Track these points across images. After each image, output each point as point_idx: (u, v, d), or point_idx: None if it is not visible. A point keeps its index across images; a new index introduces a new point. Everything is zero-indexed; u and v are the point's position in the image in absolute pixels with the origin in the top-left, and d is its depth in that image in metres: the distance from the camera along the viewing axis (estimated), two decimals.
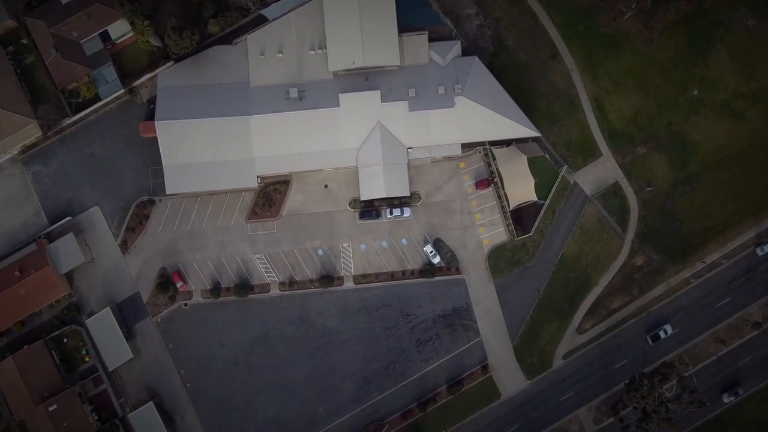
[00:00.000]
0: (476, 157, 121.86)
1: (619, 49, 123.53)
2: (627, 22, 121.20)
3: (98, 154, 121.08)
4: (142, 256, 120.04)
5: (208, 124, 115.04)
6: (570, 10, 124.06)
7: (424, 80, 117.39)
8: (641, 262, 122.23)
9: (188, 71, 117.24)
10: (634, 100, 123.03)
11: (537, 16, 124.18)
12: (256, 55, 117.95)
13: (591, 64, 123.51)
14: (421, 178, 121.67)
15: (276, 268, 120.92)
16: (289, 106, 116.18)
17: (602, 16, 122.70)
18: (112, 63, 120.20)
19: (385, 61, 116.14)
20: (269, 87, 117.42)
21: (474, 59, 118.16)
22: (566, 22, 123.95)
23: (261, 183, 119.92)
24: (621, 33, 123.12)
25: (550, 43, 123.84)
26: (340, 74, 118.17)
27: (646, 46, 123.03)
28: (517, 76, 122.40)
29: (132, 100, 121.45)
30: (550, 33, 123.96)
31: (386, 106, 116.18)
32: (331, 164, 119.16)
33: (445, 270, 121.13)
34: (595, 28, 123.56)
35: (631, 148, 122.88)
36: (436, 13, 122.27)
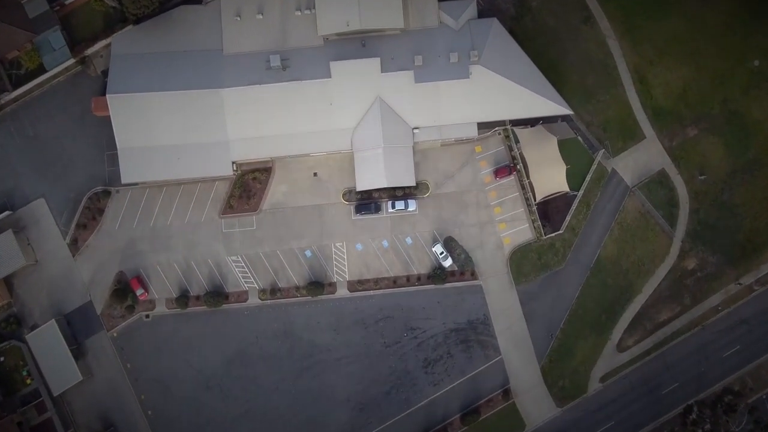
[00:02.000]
0: (495, 140, 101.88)
1: (663, 10, 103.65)
2: None
3: (44, 136, 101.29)
4: (95, 258, 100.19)
5: (173, 98, 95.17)
6: None
7: (433, 46, 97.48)
8: (694, 266, 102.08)
9: (148, 35, 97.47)
10: (682, 72, 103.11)
11: None
12: (230, 17, 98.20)
13: (631, 30, 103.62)
14: (429, 164, 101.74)
15: (255, 273, 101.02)
16: (270, 78, 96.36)
17: None
18: (60, 27, 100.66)
19: (386, 23, 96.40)
20: (246, 55, 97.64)
21: (493, 21, 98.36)
22: None
23: (237, 171, 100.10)
24: None
25: (581, 4, 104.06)
26: (331, 39, 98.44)
27: (697, 8, 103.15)
28: (543, 44, 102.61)
29: (84, 71, 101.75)
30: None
31: (387, 76, 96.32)
32: (321, 148, 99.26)
33: (459, 275, 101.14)
34: None
35: (680, 130, 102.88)
36: None
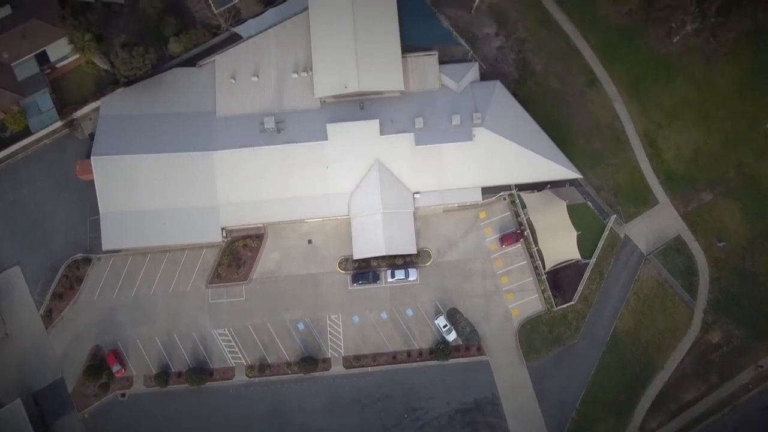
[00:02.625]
0: (501, 205, 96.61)
1: (670, 75, 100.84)
2: (679, 43, 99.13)
3: (24, 201, 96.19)
4: (70, 330, 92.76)
5: (161, 161, 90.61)
6: (608, 31, 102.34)
7: (434, 108, 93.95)
8: (718, 339, 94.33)
9: (139, 97, 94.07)
10: (693, 136, 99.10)
11: (569, 36, 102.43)
12: (225, 79, 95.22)
13: (638, 93, 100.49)
14: (431, 231, 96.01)
15: (243, 348, 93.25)
16: (264, 140, 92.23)
17: (648, 36, 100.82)
18: (49, 89, 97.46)
19: (386, 85, 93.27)
20: (240, 117, 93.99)
21: (496, 84, 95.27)
22: (605, 44, 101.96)
23: (227, 237, 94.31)
24: (672, 56, 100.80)
25: (586, 68, 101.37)
26: (328, 102, 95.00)
27: (704, 72, 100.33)
28: (548, 107, 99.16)
29: (72, 134, 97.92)
30: (585, 56, 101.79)
31: (387, 139, 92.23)
32: (317, 213, 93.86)
33: (464, 350, 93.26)
34: (641, 50, 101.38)
35: (694, 194, 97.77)
36: (448, 30, 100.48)
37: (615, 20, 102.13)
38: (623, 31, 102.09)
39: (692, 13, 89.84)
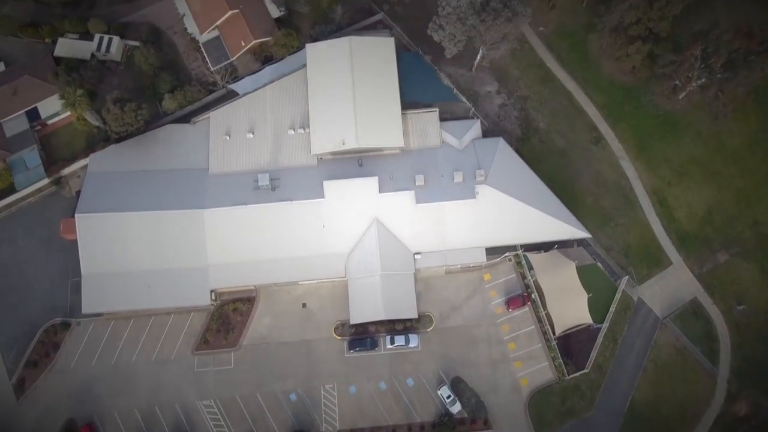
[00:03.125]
0: (506, 266, 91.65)
1: (677, 132, 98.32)
2: (684, 100, 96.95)
3: (3, 261, 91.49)
4: (42, 401, 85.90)
5: (148, 219, 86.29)
6: (612, 89, 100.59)
7: (435, 166, 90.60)
8: (745, 411, 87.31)
9: (129, 154, 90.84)
10: (704, 194, 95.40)
11: (572, 94, 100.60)
12: (219, 136, 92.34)
13: (645, 151, 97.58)
14: (432, 294, 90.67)
15: (229, 420, 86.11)
16: (257, 198, 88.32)
17: (653, 93, 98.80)
18: (38, 146, 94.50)
19: (385, 142, 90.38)
20: (233, 174, 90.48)
21: (499, 141, 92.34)
22: (609, 102, 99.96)
23: (216, 300, 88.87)
24: (678, 113, 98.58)
25: (591, 125, 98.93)
26: (325, 159, 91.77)
27: (711, 130, 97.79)
28: (553, 165, 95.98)
29: (58, 192, 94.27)
30: (589, 114, 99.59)
31: (386, 197, 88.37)
32: (312, 275, 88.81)
33: (469, 423, 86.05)
34: (645, 108, 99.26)
35: (709, 255, 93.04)
36: (449, 87, 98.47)
37: (618, 78, 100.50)
38: (627, 89, 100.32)
39: (698, 69, 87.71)
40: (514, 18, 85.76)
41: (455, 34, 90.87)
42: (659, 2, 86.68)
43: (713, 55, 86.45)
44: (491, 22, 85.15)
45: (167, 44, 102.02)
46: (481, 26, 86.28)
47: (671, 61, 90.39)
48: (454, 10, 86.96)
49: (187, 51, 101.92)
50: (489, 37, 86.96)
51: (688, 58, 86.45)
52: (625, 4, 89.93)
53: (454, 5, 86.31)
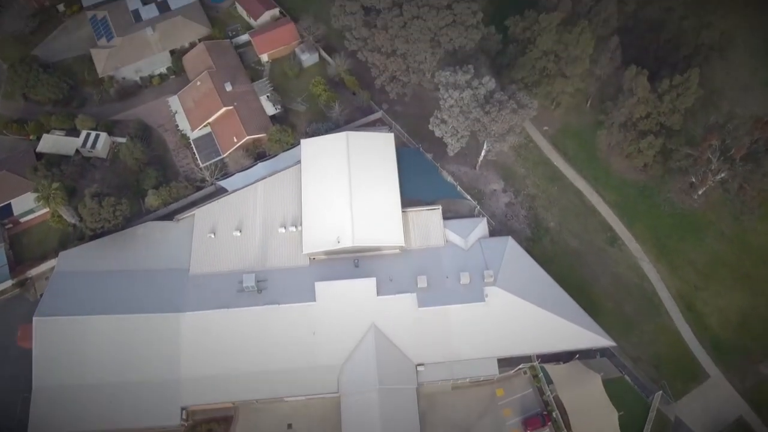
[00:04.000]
0: (521, 380, 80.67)
1: (698, 232, 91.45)
2: (702, 197, 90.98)
3: None
4: None
5: (115, 323, 76.56)
6: (624, 187, 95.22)
7: (439, 266, 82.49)
8: None
9: (104, 252, 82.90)
10: (736, 299, 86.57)
11: (582, 193, 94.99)
12: (203, 234, 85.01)
13: (665, 252, 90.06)
14: (437, 412, 78.89)
15: None
16: (241, 301, 79.27)
17: (668, 191, 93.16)
18: (6, 245, 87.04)
19: (384, 241, 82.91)
20: (217, 275, 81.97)
21: (508, 240, 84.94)
22: (622, 201, 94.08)
23: (187, 420, 76.82)
24: (697, 212, 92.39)
25: (605, 225, 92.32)
26: (319, 259, 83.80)
27: (734, 230, 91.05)
28: (567, 267, 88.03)
29: (22, 295, 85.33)
30: (602, 213, 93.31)
31: (384, 300, 79.37)
32: (300, 390, 77.59)
33: None
34: (661, 207, 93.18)
35: (750, 367, 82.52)
36: (452, 184, 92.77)
37: (630, 176, 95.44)
38: (640, 187, 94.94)
39: (717, 161, 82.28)
40: (520, 110, 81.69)
41: (458, 128, 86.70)
42: (670, 95, 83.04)
43: (732, 147, 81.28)
44: (496, 113, 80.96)
45: (157, 141, 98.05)
46: (485, 118, 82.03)
47: (687, 155, 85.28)
48: (456, 102, 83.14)
49: (176, 148, 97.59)
50: (494, 128, 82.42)
51: (706, 150, 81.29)
52: (633, 98, 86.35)
53: (457, 97, 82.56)
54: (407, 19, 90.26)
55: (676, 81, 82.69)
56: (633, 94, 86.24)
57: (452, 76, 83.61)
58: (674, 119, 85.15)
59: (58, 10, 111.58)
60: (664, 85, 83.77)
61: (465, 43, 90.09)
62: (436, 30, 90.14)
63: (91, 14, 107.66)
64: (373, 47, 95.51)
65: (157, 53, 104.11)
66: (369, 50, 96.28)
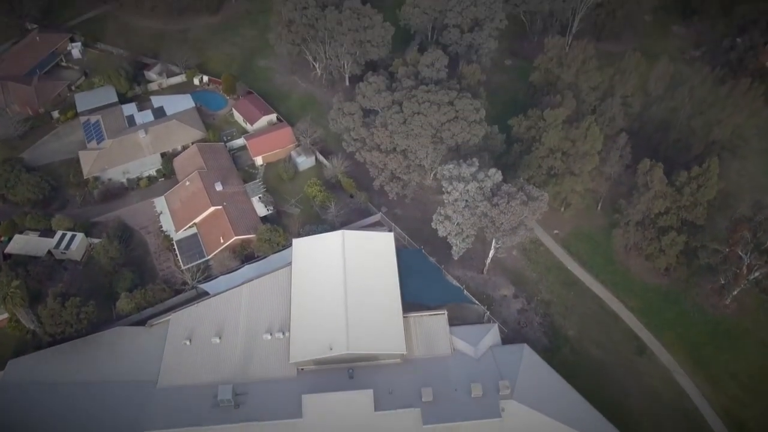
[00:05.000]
0: None
1: (736, 342, 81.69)
2: (734, 302, 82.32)
3: None
4: None
5: None
6: (647, 292, 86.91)
7: (446, 377, 71.76)
8: None
9: (61, 361, 72.32)
10: None
11: (601, 299, 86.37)
12: (178, 341, 75.09)
13: (702, 364, 79.66)
14: None
15: None
16: (215, 418, 67.44)
17: (695, 295, 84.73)
18: None
19: (383, 347, 72.95)
20: (190, 387, 70.79)
21: (523, 348, 75.08)
22: (646, 307, 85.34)
23: None
24: (731, 318, 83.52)
25: (630, 333, 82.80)
26: (308, 369, 73.13)
27: None
28: (592, 380, 77.03)
29: None
30: (626, 320, 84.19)
31: (384, 417, 67.77)
32: None
33: None
34: (690, 313, 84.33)
35: None
36: (458, 288, 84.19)
37: (652, 280, 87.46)
38: (664, 292, 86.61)
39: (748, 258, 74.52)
40: (531, 202, 75.53)
41: (464, 226, 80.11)
42: (689, 186, 77.39)
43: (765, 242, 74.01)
44: (505, 205, 74.68)
45: (137, 243, 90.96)
46: (493, 211, 75.62)
47: (714, 251, 77.63)
48: (461, 195, 77.22)
49: (158, 251, 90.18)
50: (503, 221, 75.60)
51: (736, 244, 73.73)
52: (649, 192, 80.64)
53: (462, 190, 76.80)
54: (408, 116, 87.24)
55: (694, 172, 77.54)
56: (648, 188, 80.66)
57: (456, 169, 78.59)
58: (697, 213, 78.80)
59: (52, 116, 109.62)
60: (682, 177, 78.47)
61: (468, 138, 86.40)
62: (438, 126, 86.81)
63: (84, 119, 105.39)
64: (371, 145, 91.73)
65: (148, 155, 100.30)
66: (367, 150, 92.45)
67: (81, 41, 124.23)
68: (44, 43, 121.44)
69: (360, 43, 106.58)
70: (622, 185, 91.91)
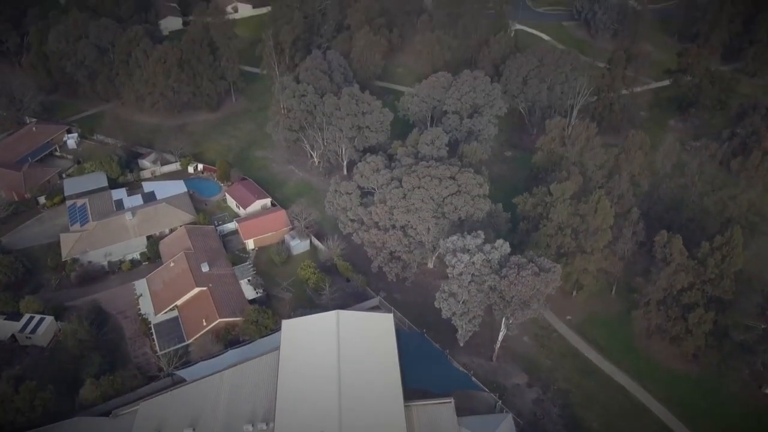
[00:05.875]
0: None
1: None
2: None
3: None
4: None
5: None
6: (674, 380, 78.29)
7: None
8: None
9: None
10: None
11: (625, 389, 77.38)
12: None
13: None
14: None
15: None
16: None
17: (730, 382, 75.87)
18: None
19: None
20: None
21: None
22: (676, 398, 76.27)
23: None
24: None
25: (662, 426, 73.40)
26: None
27: None
28: None
29: None
30: (655, 412, 74.64)
31: None
32: None
33: None
34: (726, 403, 75.33)
35: None
36: (465, 373, 75.38)
37: (679, 366, 79.13)
38: (695, 380, 77.88)
39: None
40: (543, 273, 69.17)
41: (470, 305, 73.10)
42: (713, 257, 71.42)
43: None
44: (514, 276, 68.25)
45: (113, 328, 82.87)
46: (502, 283, 69.02)
47: (747, 328, 69.98)
48: (467, 267, 70.97)
49: (134, 336, 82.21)
50: (513, 293, 68.68)
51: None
52: (670, 267, 74.52)
53: (467, 262, 70.72)
54: (407, 190, 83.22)
55: (717, 242, 71.92)
56: (668, 262, 74.65)
57: (460, 240, 73.07)
58: (724, 287, 72.10)
59: (38, 202, 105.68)
60: (704, 248, 72.76)
61: (473, 212, 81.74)
62: (440, 200, 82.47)
63: (71, 203, 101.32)
64: (369, 224, 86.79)
65: (134, 238, 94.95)
66: (365, 229, 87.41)
67: (78, 132, 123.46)
68: (40, 133, 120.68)
69: (358, 128, 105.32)
70: (637, 265, 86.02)
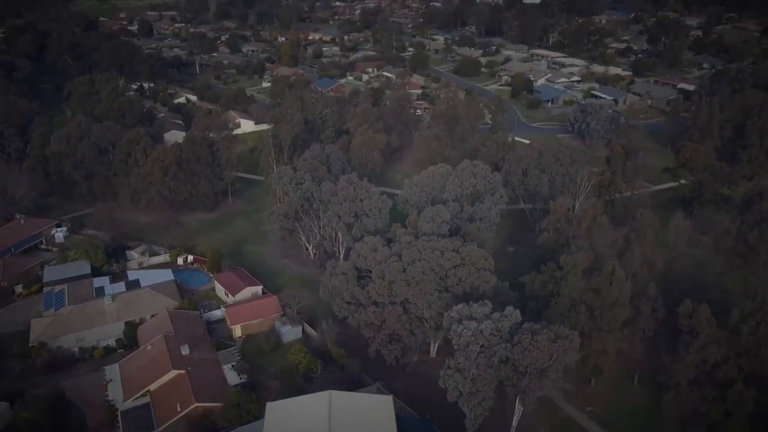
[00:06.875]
0: None
1: None
2: None
3: None
4: None
5: None
6: None
7: None
8: None
9: None
10: None
11: None
12: None
13: None
14: None
15: None
16: None
17: None
18: None
19: None
20: None
21: None
22: None
23: None
24: None
25: None
26: None
27: None
28: None
29: None
30: None
31: None
32: None
33: None
34: None
35: None
36: None
37: None
38: None
39: None
40: (559, 341, 62.04)
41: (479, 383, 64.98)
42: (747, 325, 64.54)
43: None
44: (528, 342, 61.08)
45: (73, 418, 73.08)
46: (514, 350, 61.61)
47: None
48: (474, 336, 63.85)
49: (98, 425, 72.18)
50: (528, 362, 60.93)
51: None
52: (699, 339, 67.32)
53: (474, 329, 63.76)
54: (407, 263, 77.89)
55: (748, 308, 65.46)
56: (695, 334, 67.62)
57: (466, 309, 66.67)
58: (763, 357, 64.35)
59: (14, 291, 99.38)
60: (734, 317, 66.16)
61: (478, 284, 75.84)
62: (442, 273, 76.91)
63: (48, 289, 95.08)
64: (366, 302, 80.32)
65: (111, 323, 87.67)
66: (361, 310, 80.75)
67: (66, 227, 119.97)
68: (28, 227, 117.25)
69: (356, 215, 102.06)
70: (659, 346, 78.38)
